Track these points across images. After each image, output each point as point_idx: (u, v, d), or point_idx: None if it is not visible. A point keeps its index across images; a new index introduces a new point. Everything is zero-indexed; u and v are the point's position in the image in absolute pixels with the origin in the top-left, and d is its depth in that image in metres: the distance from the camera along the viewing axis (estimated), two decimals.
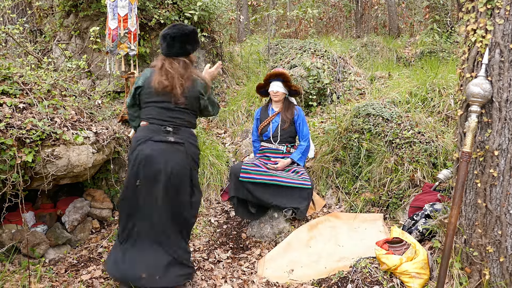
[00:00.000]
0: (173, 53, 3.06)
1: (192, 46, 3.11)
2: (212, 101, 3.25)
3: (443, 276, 2.66)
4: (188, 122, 3.14)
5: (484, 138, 2.61)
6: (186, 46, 3.06)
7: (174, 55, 3.06)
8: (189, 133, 3.15)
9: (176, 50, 3.04)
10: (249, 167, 4.08)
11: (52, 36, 6.01)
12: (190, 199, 3.13)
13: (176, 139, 3.04)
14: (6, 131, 3.33)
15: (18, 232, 3.74)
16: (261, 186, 4.00)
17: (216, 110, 3.33)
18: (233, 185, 4.09)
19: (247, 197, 4.06)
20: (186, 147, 3.08)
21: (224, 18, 8.03)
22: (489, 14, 2.51)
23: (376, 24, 13.92)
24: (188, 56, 3.11)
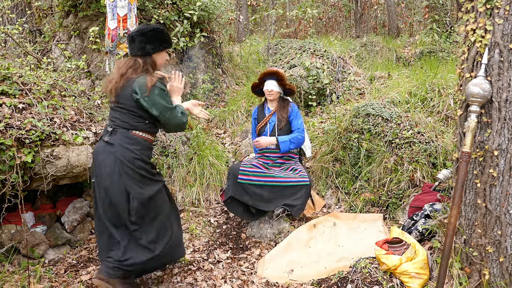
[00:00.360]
0: (133, 53, 3.00)
1: (153, 46, 2.98)
2: (156, 103, 2.91)
3: (443, 276, 2.66)
4: (126, 123, 2.97)
5: (484, 138, 2.61)
6: (146, 46, 2.96)
7: (133, 55, 3.00)
8: (124, 135, 2.97)
9: (135, 50, 2.98)
10: (248, 168, 4.08)
11: (52, 36, 6.01)
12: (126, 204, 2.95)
13: (109, 139, 2.96)
14: (6, 132, 3.33)
15: (17, 232, 3.74)
16: (259, 187, 4.00)
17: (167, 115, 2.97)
18: (231, 185, 4.08)
19: (244, 199, 4.04)
20: (116, 149, 2.94)
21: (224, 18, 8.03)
22: (489, 14, 2.51)
23: (376, 24, 13.93)
24: (149, 56, 3.01)
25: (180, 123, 3.04)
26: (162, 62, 3.14)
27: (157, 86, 2.92)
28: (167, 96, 3.01)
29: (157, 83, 2.94)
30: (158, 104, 2.92)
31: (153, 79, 2.92)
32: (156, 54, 3.04)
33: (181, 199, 4.61)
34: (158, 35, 3.01)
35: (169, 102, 3.00)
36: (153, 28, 3.00)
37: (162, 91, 2.95)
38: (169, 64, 6.16)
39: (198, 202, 4.65)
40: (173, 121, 3.01)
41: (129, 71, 2.95)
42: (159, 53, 3.06)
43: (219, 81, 7.11)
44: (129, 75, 2.93)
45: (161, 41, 3.04)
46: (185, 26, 5.84)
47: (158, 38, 3.01)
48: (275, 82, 4.30)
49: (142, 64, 2.97)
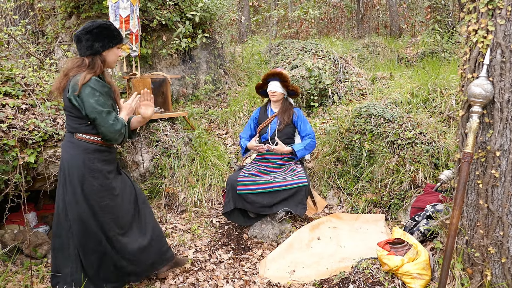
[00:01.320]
0: (81, 53, 2.81)
1: (101, 43, 2.80)
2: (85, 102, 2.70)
3: (445, 277, 2.66)
4: (69, 126, 2.84)
5: (486, 139, 2.61)
6: (94, 45, 2.78)
7: (84, 55, 2.81)
8: (67, 139, 2.87)
9: (83, 50, 2.80)
10: (246, 178, 4.05)
11: (54, 37, 6.03)
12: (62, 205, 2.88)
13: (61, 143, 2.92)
14: (9, 132, 3.35)
15: (20, 232, 3.76)
16: (259, 195, 3.97)
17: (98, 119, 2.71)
18: (231, 197, 4.03)
19: (245, 207, 4.03)
20: (62, 154, 2.86)
21: (226, 19, 8.02)
22: (490, 14, 2.51)
23: (378, 24, 13.92)
24: (99, 54, 2.83)
25: (111, 130, 2.76)
26: (114, 59, 2.94)
27: (89, 84, 2.71)
28: (101, 97, 2.74)
29: (90, 82, 2.72)
30: (87, 103, 2.69)
31: (86, 77, 2.71)
32: (107, 51, 2.86)
33: (183, 199, 4.61)
34: (105, 31, 2.82)
35: (101, 104, 2.73)
36: (100, 24, 2.82)
37: (93, 90, 2.70)
38: (172, 65, 6.17)
39: (200, 202, 4.66)
40: (104, 126, 2.74)
41: (73, 70, 2.77)
42: (109, 50, 2.87)
43: (221, 82, 7.12)
44: (71, 74, 2.77)
45: (110, 38, 2.85)
46: (187, 27, 5.85)
47: (106, 35, 2.83)
48: (279, 83, 4.31)
49: (88, 63, 2.79)
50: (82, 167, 2.79)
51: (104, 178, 2.89)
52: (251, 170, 4.21)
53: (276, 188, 3.95)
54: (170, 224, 4.38)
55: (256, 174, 4.14)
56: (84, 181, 2.81)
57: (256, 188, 3.98)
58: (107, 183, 2.90)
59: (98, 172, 2.85)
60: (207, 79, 6.59)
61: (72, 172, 2.80)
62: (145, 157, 4.67)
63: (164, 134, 4.94)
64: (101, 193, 2.87)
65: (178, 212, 4.58)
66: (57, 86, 2.79)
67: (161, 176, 4.68)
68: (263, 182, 4.00)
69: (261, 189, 3.97)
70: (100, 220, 2.90)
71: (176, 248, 3.91)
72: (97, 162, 2.85)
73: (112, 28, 2.86)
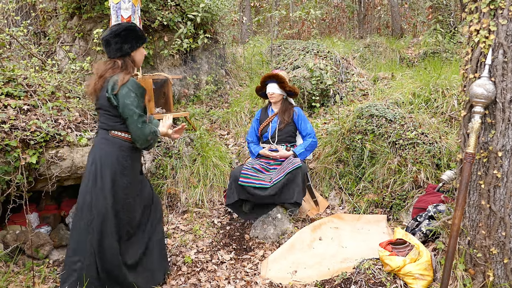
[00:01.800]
0: (111, 55, 2.98)
1: (130, 45, 2.97)
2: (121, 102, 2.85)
3: (447, 277, 2.66)
4: (105, 124, 2.98)
5: (488, 139, 2.61)
6: (123, 46, 2.95)
7: (113, 57, 2.98)
8: (101, 136, 2.99)
9: (113, 52, 2.96)
10: (249, 172, 4.12)
11: (56, 38, 6.04)
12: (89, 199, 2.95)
13: (93, 141, 3.07)
14: (11, 133, 3.35)
15: (22, 233, 3.76)
16: (261, 189, 4.03)
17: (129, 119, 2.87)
18: (234, 188, 4.13)
19: (248, 198, 4.13)
20: (94, 150, 2.99)
21: (227, 20, 8.02)
22: (492, 14, 2.51)
23: (379, 24, 13.91)
24: (128, 55, 2.99)
25: (139, 134, 2.90)
26: (141, 58, 3.13)
27: (127, 85, 2.87)
28: (136, 99, 2.89)
29: (128, 83, 2.88)
30: (122, 103, 2.85)
31: (125, 78, 2.87)
32: (135, 52, 3.03)
33: (184, 200, 4.62)
34: (132, 33, 2.98)
35: (135, 105, 2.87)
36: (126, 27, 2.97)
37: (130, 91, 2.86)
38: (173, 66, 6.18)
39: (201, 203, 4.66)
40: (133, 127, 2.88)
41: (108, 72, 2.93)
42: (137, 50, 3.04)
43: (223, 82, 7.12)
44: (107, 76, 2.92)
45: (137, 38, 3.01)
46: (189, 27, 5.85)
47: (133, 36, 2.99)
48: (276, 84, 4.36)
49: (121, 64, 2.95)
50: (115, 163, 2.94)
51: (133, 176, 3.06)
52: (254, 164, 4.24)
53: (276, 182, 4.02)
54: (172, 224, 4.38)
55: (259, 169, 4.19)
56: (115, 177, 2.95)
57: (258, 183, 4.03)
58: (135, 182, 3.08)
59: (130, 169, 3.02)
60: (208, 79, 6.59)
61: (105, 168, 2.92)
62: (147, 157, 4.67)
63: None
64: (127, 190, 3.02)
65: (179, 213, 4.58)
66: (93, 88, 2.94)
67: (163, 177, 4.68)
68: (264, 179, 4.07)
69: (262, 185, 4.02)
70: (119, 218, 3.00)
71: (178, 248, 3.91)
72: (130, 159, 3.01)
73: (137, 29, 3.04)
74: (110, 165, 2.93)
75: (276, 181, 4.01)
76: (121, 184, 2.97)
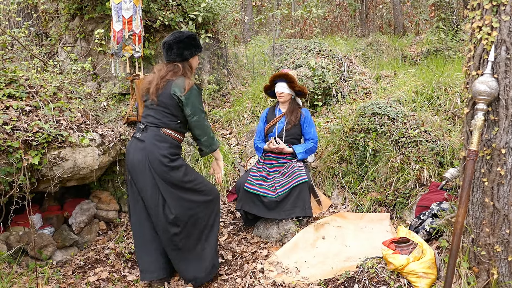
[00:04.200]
0: (171, 59, 3.24)
1: (190, 51, 3.24)
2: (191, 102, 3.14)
3: (451, 275, 2.64)
4: (159, 121, 3.19)
5: (491, 136, 2.59)
6: (184, 52, 3.22)
7: (171, 60, 3.24)
8: (155, 133, 3.18)
9: (173, 56, 3.22)
10: (254, 179, 4.10)
11: (58, 39, 6.04)
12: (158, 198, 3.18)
13: (140, 136, 3.20)
14: (13, 134, 3.35)
15: (25, 234, 3.77)
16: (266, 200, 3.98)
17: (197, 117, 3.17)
18: (241, 198, 4.07)
19: (252, 211, 4.04)
20: (146, 145, 3.14)
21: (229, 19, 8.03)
22: (495, 11, 2.49)
23: (381, 23, 13.89)
24: (186, 60, 3.27)
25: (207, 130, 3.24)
26: (196, 65, 3.40)
27: (195, 88, 3.17)
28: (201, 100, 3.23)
29: (194, 86, 3.17)
30: (193, 104, 3.14)
31: (190, 82, 3.16)
32: (192, 58, 3.30)
33: None
34: (193, 41, 3.27)
35: (202, 106, 3.23)
36: (188, 35, 3.24)
37: (198, 95, 3.19)
38: None
39: None
40: (202, 124, 3.21)
41: (169, 74, 3.19)
42: (193, 58, 3.32)
43: (225, 82, 7.12)
44: (169, 77, 3.17)
45: (196, 47, 3.30)
46: (190, 27, 5.84)
47: (193, 44, 3.27)
48: (285, 84, 4.32)
49: (181, 68, 3.22)
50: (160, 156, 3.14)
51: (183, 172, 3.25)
52: (256, 173, 4.20)
53: (280, 193, 3.97)
54: None
55: (263, 177, 4.17)
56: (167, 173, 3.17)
57: (263, 192, 3.99)
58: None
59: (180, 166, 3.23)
60: (210, 79, 6.58)
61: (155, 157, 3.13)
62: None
63: None
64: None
65: None
66: (155, 87, 3.17)
67: None
68: (268, 188, 4.04)
69: (267, 195, 3.98)
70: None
71: None
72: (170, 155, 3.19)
73: (197, 38, 3.32)
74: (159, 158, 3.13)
75: (280, 193, 3.97)
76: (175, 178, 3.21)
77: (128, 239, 4.19)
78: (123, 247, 4.02)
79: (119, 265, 3.79)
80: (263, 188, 4.02)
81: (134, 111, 4.78)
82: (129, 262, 3.83)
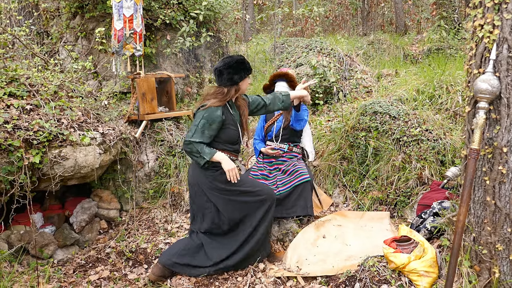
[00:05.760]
0: (223, 84, 3.36)
1: (239, 75, 3.35)
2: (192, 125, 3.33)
3: (452, 274, 2.64)
4: None
5: (493, 135, 2.58)
6: (233, 77, 3.32)
7: (222, 85, 3.37)
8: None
9: (224, 81, 3.35)
10: (255, 179, 4.08)
11: (59, 37, 6.04)
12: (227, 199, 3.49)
13: None
14: (14, 133, 3.35)
15: (26, 233, 3.77)
16: None
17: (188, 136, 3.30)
18: None
19: None
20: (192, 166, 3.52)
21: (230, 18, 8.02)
22: (497, 9, 2.48)
23: (383, 21, 13.86)
24: (236, 84, 3.38)
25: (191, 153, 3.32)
26: (246, 87, 3.52)
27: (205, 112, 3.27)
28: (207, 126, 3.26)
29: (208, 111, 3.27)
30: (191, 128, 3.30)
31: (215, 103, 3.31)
32: (242, 82, 3.41)
33: (188, 198, 4.61)
34: (242, 65, 3.37)
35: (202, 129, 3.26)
36: (237, 60, 3.35)
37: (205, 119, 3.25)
38: (176, 64, 6.17)
39: None
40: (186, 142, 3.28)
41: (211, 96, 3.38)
42: (244, 80, 3.43)
43: None
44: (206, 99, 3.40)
45: (245, 70, 3.40)
46: (191, 26, 5.83)
47: (242, 68, 3.37)
48: (285, 83, 4.30)
49: (226, 92, 3.36)
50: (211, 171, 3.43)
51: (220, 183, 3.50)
52: (256, 172, 4.20)
53: (282, 191, 3.97)
54: (176, 223, 4.39)
55: (265, 176, 4.17)
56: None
57: None
58: None
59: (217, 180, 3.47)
60: (211, 78, 6.58)
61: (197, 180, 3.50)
62: (150, 156, 4.68)
63: (169, 133, 4.94)
64: None
65: (183, 211, 4.58)
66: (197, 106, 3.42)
67: (166, 176, 4.69)
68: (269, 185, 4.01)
69: None
70: None
71: None
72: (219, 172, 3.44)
73: (246, 62, 3.42)
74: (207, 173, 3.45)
75: (282, 191, 3.99)
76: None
77: (129, 237, 4.19)
78: (124, 246, 4.02)
79: (120, 264, 3.79)
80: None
81: (135, 109, 4.78)
82: (130, 260, 3.83)
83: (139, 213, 4.58)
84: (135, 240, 4.12)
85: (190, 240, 3.57)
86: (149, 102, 4.72)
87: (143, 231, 4.29)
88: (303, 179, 3.96)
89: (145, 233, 4.24)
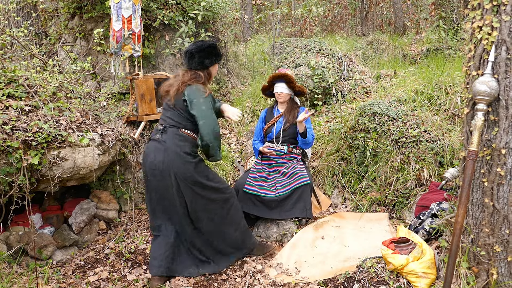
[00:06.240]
0: (192, 67, 3.41)
1: (210, 60, 3.42)
2: (198, 107, 3.27)
3: (450, 275, 2.64)
4: (177, 122, 3.37)
5: (491, 137, 2.59)
6: (204, 61, 3.39)
7: (193, 68, 3.41)
8: (174, 133, 3.36)
9: (195, 64, 3.39)
10: (254, 181, 4.11)
11: (57, 38, 6.03)
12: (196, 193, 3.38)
13: (161, 138, 3.36)
14: (12, 134, 3.35)
15: (25, 234, 3.77)
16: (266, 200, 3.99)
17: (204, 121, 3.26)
18: (239, 197, 4.04)
19: (252, 212, 4.04)
20: (168, 146, 3.31)
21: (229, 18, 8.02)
22: (495, 11, 2.48)
23: (382, 21, 13.88)
24: (207, 69, 3.44)
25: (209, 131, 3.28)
26: (215, 73, 3.58)
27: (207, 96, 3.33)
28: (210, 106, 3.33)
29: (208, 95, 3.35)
30: (200, 110, 3.27)
31: (206, 89, 3.37)
32: (212, 67, 3.48)
33: None
34: (214, 50, 3.44)
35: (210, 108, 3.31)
36: (209, 44, 3.43)
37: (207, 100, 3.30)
38: (175, 65, 6.17)
39: None
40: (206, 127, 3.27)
41: (192, 81, 3.37)
42: (214, 66, 3.51)
43: (225, 81, 7.10)
44: (190, 83, 3.36)
45: (216, 55, 3.48)
46: (190, 26, 5.83)
47: (214, 53, 3.44)
48: (285, 84, 4.29)
49: (203, 76, 3.40)
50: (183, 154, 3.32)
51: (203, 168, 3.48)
52: (255, 174, 4.20)
53: (281, 194, 3.97)
54: None
55: (263, 178, 4.17)
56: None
57: (262, 193, 4.00)
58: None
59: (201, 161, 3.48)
60: None
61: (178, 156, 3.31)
62: None
63: None
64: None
65: None
66: (175, 92, 3.36)
67: None
68: (269, 189, 4.05)
69: (267, 195, 3.99)
70: None
71: None
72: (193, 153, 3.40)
73: (217, 47, 3.50)
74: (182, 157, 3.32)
75: (281, 193, 3.99)
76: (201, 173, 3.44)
77: (128, 238, 4.19)
78: (123, 246, 4.02)
79: (119, 265, 3.79)
80: (263, 189, 4.03)
81: (134, 110, 4.78)
82: (129, 261, 3.83)
83: (138, 214, 4.58)
84: (134, 241, 4.12)
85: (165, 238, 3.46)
86: (148, 103, 4.72)
87: (142, 232, 4.29)
88: (302, 182, 3.97)
89: (144, 234, 4.24)
